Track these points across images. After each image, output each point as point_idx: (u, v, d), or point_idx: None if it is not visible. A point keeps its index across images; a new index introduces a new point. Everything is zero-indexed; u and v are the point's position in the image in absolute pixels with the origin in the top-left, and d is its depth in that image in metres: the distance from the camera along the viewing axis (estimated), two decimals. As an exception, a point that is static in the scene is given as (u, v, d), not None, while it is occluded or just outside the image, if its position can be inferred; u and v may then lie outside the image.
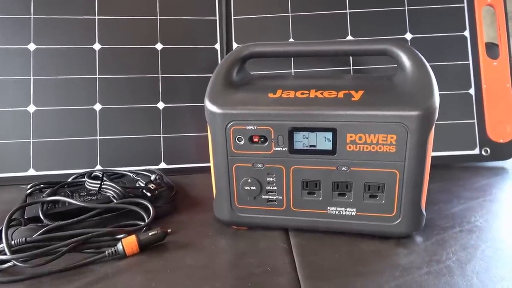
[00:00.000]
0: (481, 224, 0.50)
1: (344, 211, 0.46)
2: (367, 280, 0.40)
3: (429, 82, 0.43)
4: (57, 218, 0.49)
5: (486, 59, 0.69)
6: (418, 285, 0.39)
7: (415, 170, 0.43)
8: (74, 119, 0.67)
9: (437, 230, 0.48)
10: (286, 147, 0.45)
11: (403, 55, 0.46)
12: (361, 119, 0.42)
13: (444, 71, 0.68)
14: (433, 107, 0.42)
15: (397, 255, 0.44)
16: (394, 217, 0.45)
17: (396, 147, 0.43)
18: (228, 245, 0.48)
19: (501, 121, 0.68)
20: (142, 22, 0.70)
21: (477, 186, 0.61)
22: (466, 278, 0.40)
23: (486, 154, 0.68)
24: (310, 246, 0.46)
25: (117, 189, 0.52)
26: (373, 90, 0.45)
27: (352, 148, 0.44)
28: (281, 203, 0.48)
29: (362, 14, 0.70)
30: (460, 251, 0.44)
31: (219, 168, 0.48)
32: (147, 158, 0.68)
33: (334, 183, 0.46)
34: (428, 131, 0.42)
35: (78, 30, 0.68)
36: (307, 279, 0.41)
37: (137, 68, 0.69)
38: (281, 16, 0.71)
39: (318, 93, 0.45)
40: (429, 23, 0.69)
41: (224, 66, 0.49)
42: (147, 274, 0.42)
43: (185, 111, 0.69)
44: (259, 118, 0.45)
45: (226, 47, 0.71)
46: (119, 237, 0.46)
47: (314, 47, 0.49)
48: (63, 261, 0.42)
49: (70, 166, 0.66)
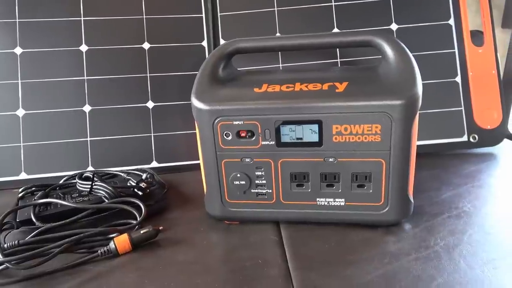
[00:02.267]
0: (469, 209, 0.50)
1: (333, 201, 0.47)
2: (357, 268, 0.41)
3: (411, 72, 0.44)
4: (50, 220, 0.49)
5: (472, 47, 0.69)
6: (406, 270, 0.40)
7: (400, 158, 0.43)
8: (64, 121, 0.67)
9: (426, 217, 0.49)
10: (273, 140, 0.46)
11: (386, 46, 0.46)
12: (345, 110, 0.43)
13: (431, 60, 0.69)
14: (416, 96, 0.42)
15: (386, 243, 0.45)
16: (382, 205, 0.46)
17: (381, 137, 0.43)
18: (220, 240, 0.48)
19: (488, 107, 0.69)
20: (128, 22, 0.70)
21: (465, 173, 0.61)
22: (453, 262, 0.40)
23: (474, 141, 0.68)
24: (300, 238, 0.47)
25: (109, 189, 0.52)
26: (357, 81, 0.45)
27: (338, 139, 0.44)
28: (271, 196, 0.48)
29: (347, 7, 0.70)
30: (448, 237, 0.45)
31: (208, 164, 0.48)
32: (139, 158, 0.68)
33: (322, 174, 0.46)
34: (412, 119, 0.43)
35: (64, 32, 0.68)
36: (297, 269, 0.41)
37: (125, 68, 0.69)
38: (267, 11, 0.71)
39: (303, 86, 0.46)
40: (414, 13, 0.70)
41: (210, 63, 0.50)
42: (140, 271, 0.42)
43: (174, 109, 0.69)
44: (245, 113, 0.45)
45: (213, 44, 0.71)
46: (111, 236, 0.46)
47: (298, 40, 0.49)
48: (56, 262, 0.43)
49: (62, 168, 0.66)
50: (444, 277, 0.38)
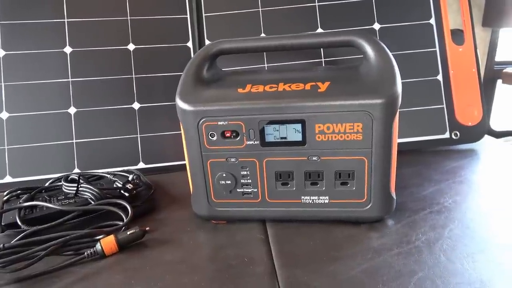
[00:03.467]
0: (450, 204, 0.52)
1: (318, 199, 0.48)
2: (340, 264, 0.41)
3: (391, 71, 0.45)
4: (35, 223, 0.49)
5: (452, 46, 0.71)
6: (388, 265, 0.41)
7: (382, 156, 0.44)
8: (49, 123, 0.66)
9: (408, 213, 0.50)
10: (257, 140, 0.46)
11: (367, 46, 0.47)
12: (327, 110, 0.44)
13: (413, 59, 0.70)
14: (396, 94, 0.43)
15: (369, 239, 0.45)
16: (365, 202, 0.47)
17: (362, 135, 0.44)
18: (207, 239, 0.49)
19: (469, 104, 0.70)
20: (112, 23, 0.70)
21: (447, 169, 0.63)
22: (433, 256, 0.42)
23: (456, 138, 0.70)
24: (286, 236, 0.48)
25: (95, 191, 0.52)
26: (339, 81, 0.46)
27: (321, 138, 0.45)
28: (257, 195, 0.49)
29: (330, 7, 0.71)
30: (429, 232, 0.46)
31: (194, 164, 0.49)
32: (126, 159, 0.68)
33: (306, 172, 0.47)
34: (392, 117, 0.43)
35: (48, 34, 0.67)
36: (282, 267, 0.42)
37: (110, 69, 0.69)
38: (251, 11, 0.72)
39: (286, 86, 0.46)
40: (396, 13, 0.71)
41: (194, 64, 0.50)
42: (126, 272, 0.43)
43: (160, 110, 0.70)
44: (229, 113, 0.46)
45: (198, 45, 0.72)
46: (98, 238, 0.46)
47: (281, 41, 0.50)
48: (42, 265, 0.43)
49: (48, 171, 0.65)
50: (424, 271, 0.39)
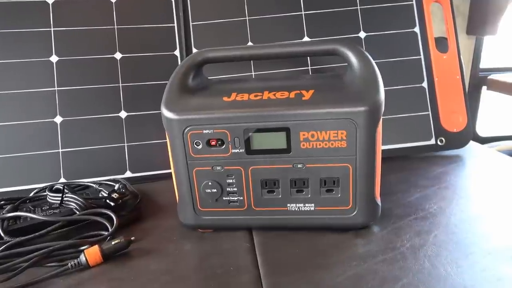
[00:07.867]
0: (435, 210, 0.52)
1: (303, 207, 0.48)
2: (326, 271, 0.41)
3: (374, 79, 0.45)
4: (19, 234, 0.48)
5: (436, 53, 0.72)
6: (373, 272, 0.41)
7: (366, 162, 0.45)
8: (35, 133, 0.66)
9: (394, 219, 0.51)
10: (243, 148, 0.46)
11: (350, 54, 0.48)
12: (312, 118, 0.44)
13: (398, 67, 0.71)
14: (379, 102, 0.44)
15: (355, 246, 0.46)
16: (350, 209, 0.47)
17: (346, 142, 0.44)
18: (193, 248, 0.49)
19: (454, 111, 0.71)
20: (99, 32, 0.69)
21: (433, 175, 0.63)
22: (418, 262, 0.42)
23: (441, 144, 0.71)
24: (272, 244, 0.47)
25: (80, 200, 0.52)
26: (323, 89, 0.46)
27: (306, 146, 0.45)
28: (242, 203, 0.49)
29: (317, 15, 0.72)
30: (414, 238, 0.46)
31: (179, 173, 0.48)
32: (112, 168, 0.68)
33: (291, 180, 0.47)
34: (376, 125, 0.44)
35: (34, 42, 0.67)
36: (268, 275, 0.42)
37: (96, 78, 0.69)
38: (238, 20, 0.72)
39: (271, 94, 0.47)
40: (381, 21, 0.72)
41: (179, 73, 0.50)
42: (111, 283, 0.42)
43: (147, 119, 0.69)
44: (214, 122, 0.46)
45: (185, 53, 0.72)
46: (82, 248, 0.46)
47: (266, 50, 0.50)
48: (25, 277, 0.42)
49: (33, 181, 0.65)
50: (409, 277, 0.40)
